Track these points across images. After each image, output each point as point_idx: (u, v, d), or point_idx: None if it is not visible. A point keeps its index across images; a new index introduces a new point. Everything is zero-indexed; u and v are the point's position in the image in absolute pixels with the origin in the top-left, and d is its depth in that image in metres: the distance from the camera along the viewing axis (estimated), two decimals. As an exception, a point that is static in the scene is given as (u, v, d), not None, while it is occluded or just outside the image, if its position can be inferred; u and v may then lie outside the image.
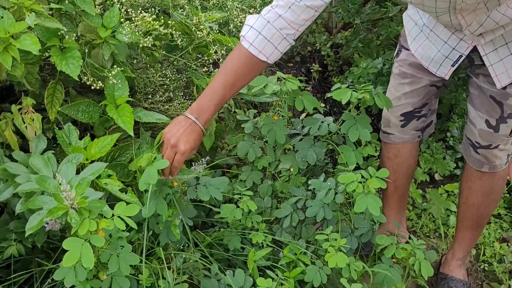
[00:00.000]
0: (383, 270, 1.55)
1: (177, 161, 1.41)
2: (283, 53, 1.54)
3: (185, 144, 1.41)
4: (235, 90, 1.52)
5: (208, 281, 1.51)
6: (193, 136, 1.43)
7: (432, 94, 1.79)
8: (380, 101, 1.62)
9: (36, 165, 1.20)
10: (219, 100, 1.47)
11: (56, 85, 1.57)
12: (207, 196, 1.48)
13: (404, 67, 1.76)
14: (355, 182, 1.49)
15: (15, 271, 1.57)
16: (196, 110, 1.46)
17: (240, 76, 1.50)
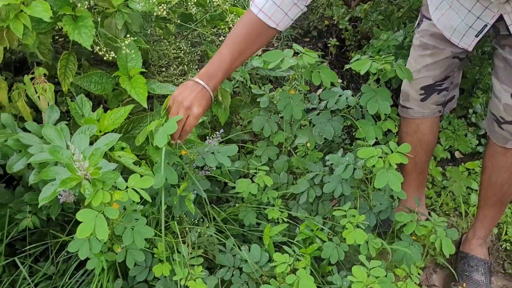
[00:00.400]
0: (403, 247, 1.51)
1: (189, 125, 1.36)
2: (294, 20, 1.48)
3: (199, 108, 1.36)
4: (243, 58, 1.47)
5: (223, 255, 1.49)
6: (204, 101, 1.39)
7: (455, 66, 1.72)
8: (402, 72, 1.56)
9: (49, 136, 1.18)
10: (226, 68, 1.43)
11: (69, 56, 1.55)
12: (215, 162, 1.43)
13: (425, 38, 1.69)
14: (375, 157, 1.45)
15: (30, 243, 1.57)
16: (205, 76, 1.41)
17: (248, 43, 1.45)
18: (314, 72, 1.66)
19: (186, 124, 1.36)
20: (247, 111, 1.99)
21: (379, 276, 1.34)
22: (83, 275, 1.48)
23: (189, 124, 1.36)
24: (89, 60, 1.75)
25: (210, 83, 1.40)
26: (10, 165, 1.23)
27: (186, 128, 1.37)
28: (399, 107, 1.84)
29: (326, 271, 1.59)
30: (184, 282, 1.29)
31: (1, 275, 1.51)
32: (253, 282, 1.47)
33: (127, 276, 1.44)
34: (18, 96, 1.41)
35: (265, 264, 1.47)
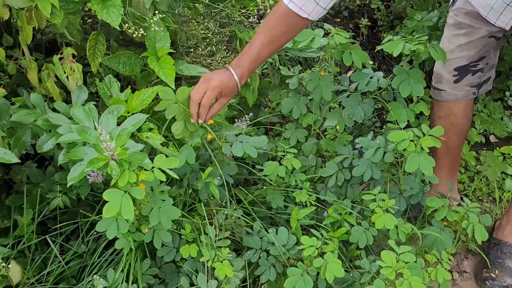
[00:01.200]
0: (434, 233, 1.47)
1: (206, 98, 1.36)
2: (327, 9, 1.44)
3: (217, 81, 1.38)
4: (272, 48, 1.47)
5: (250, 238, 1.49)
6: (228, 82, 1.41)
7: (491, 46, 1.64)
8: (436, 53, 1.50)
9: (77, 116, 1.18)
10: (254, 57, 1.44)
11: (98, 37, 1.54)
12: (241, 152, 1.43)
13: (459, 17, 1.61)
14: (407, 140, 1.40)
15: (61, 222, 1.60)
16: (234, 64, 1.44)
17: (278, 34, 1.45)
18: (345, 52, 1.62)
19: (204, 98, 1.37)
20: (276, 93, 1.96)
21: (408, 262, 1.31)
22: (112, 254, 1.50)
23: (206, 97, 1.37)
24: (118, 41, 1.75)
25: (237, 70, 1.42)
26: (40, 144, 1.25)
27: (204, 102, 1.37)
28: (431, 89, 1.78)
29: (354, 255, 1.57)
30: (211, 264, 1.29)
31: (34, 253, 1.55)
32: (280, 264, 1.46)
33: (155, 256, 1.45)
34: (47, 77, 1.42)
35: (292, 247, 1.46)
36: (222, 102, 1.42)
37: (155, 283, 1.42)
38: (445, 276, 1.39)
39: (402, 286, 1.24)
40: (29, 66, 1.51)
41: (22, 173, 1.58)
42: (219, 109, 1.42)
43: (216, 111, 1.42)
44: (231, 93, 1.43)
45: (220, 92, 1.39)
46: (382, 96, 1.73)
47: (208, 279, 1.29)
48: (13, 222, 1.54)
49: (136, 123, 1.18)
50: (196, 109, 1.38)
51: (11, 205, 1.55)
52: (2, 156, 1.09)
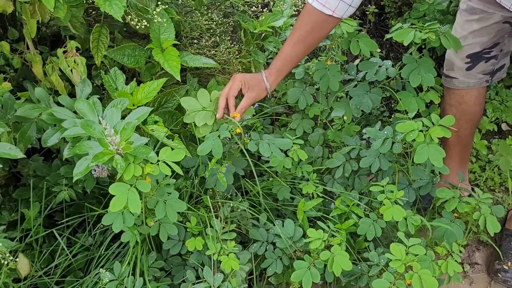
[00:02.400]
0: (444, 224, 1.45)
1: (230, 89, 1.42)
2: (355, 6, 1.43)
3: (241, 75, 1.45)
4: (300, 48, 1.49)
5: (256, 230, 1.48)
6: (252, 76, 1.47)
7: (505, 32, 1.60)
8: (447, 41, 1.46)
9: (81, 110, 1.17)
10: (282, 57, 1.49)
11: (101, 29, 1.53)
12: (269, 153, 1.43)
13: (472, 2, 1.57)
14: (416, 130, 1.37)
15: (68, 215, 1.60)
16: (267, 69, 1.51)
17: (303, 33, 1.47)
18: (352, 41, 1.59)
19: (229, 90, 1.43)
20: (281, 83, 1.94)
21: (418, 254, 1.29)
22: (119, 247, 1.50)
23: (232, 87, 1.43)
24: (122, 33, 1.73)
25: (265, 71, 1.49)
26: (45, 139, 1.24)
27: (230, 92, 1.43)
28: (443, 77, 1.74)
29: (362, 247, 1.55)
30: (217, 257, 1.28)
31: (42, 246, 1.55)
32: (287, 257, 1.45)
33: (161, 249, 1.45)
34: (52, 70, 1.41)
35: (299, 240, 1.45)
36: (249, 96, 1.44)
37: (162, 276, 1.41)
38: (456, 268, 1.37)
39: (412, 279, 1.22)
40: (33, 59, 1.50)
41: (29, 166, 1.58)
42: (246, 103, 1.45)
43: (244, 105, 1.44)
44: (257, 87, 1.46)
45: (242, 83, 1.43)
46: (390, 85, 1.70)
47: (214, 273, 1.29)
48: (20, 215, 1.55)
49: (141, 116, 1.17)
50: (223, 103, 1.42)
51: (18, 198, 1.56)
52: (7, 152, 1.09)
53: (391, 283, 1.24)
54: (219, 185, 1.41)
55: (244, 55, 1.81)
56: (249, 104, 1.46)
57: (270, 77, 1.48)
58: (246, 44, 1.80)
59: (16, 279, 1.44)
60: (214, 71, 1.86)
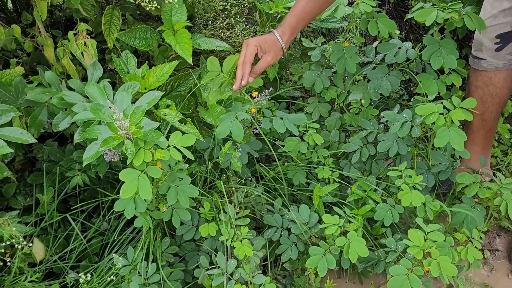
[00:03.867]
0: (464, 210, 1.41)
1: (245, 55, 1.34)
2: None
3: (254, 39, 1.36)
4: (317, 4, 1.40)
5: (271, 216, 1.45)
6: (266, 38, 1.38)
7: (538, 11, 1.52)
8: (471, 21, 1.39)
9: (91, 94, 1.15)
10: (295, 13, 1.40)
11: (113, 11, 1.50)
12: (283, 128, 1.38)
13: (503, -22, 1.50)
14: (436, 113, 1.32)
15: (83, 200, 1.60)
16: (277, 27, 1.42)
17: None
18: (371, 21, 1.53)
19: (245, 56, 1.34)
20: (297, 66, 1.89)
21: (437, 241, 1.25)
22: (133, 232, 1.49)
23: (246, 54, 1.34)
24: (134, 15, 1.71)
25: (278, 29, 1.40)
26: (56, 123, 1.23)
27: (245, 59, 1.34)
28: (470, 58, 1.67)
29: (379, 233, 1.52)
30: (230, 243, 1.27)
31: (57, 230, 1.56)
32: (302, 243, 1.43)
33: (175, 234, 1.44)
34: (63, 54, 1.39)
35: (315, 225, 1.42)
36: (266, 59, 1.37)
37: (175, 261, 1.41)
38: (476, 255, 1.33)
39: (430, 266, 1.18)
40: (45, 43, 1.48)
41: (43, 151, 1.58)
42: (263, 66, 1.37)
43: (261, 68, 1.37)
44: (273, 49, 1.38)
45: (258, 47, 1.35)
46: (410, 68, 1.64)
47: (227, 258, 1.27)
48: (36, 200, 1.55)
49: (151, 100, 1.14)
50: (241, 73, 1.34)
51: (33, 183, 1.56)
52: (19, 136, 1.07)
53: (409, 269, 1.21)
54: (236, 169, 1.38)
55: (259, 37, 1.77)
56: (266, 67, 1.39)
57: (284, 36, 1.39)
58: (261, 25, 1.76)
59: (32, 263, 1.45)
60: (228, 54, 1.82)
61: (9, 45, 1.57)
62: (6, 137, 1.08)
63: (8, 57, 1.68)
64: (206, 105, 1.54)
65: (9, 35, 1.52)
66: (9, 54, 1.69)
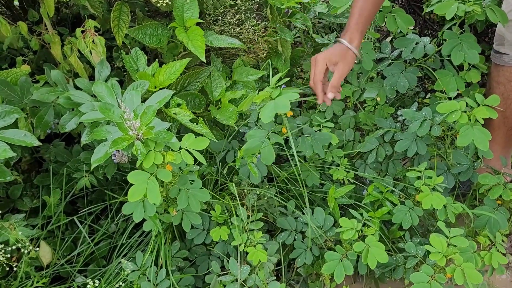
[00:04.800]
0: (487, 212, 1.35)
1: (315, 74, 1.31)
2: None
3: (322, 54, 1.32)
4: None
5: (284, 219, 1.40)
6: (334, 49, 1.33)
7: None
8: (494, 14, 1.33)
9: (99, 93, 1.11)
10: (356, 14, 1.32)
11: (121, 7, 1.46)
12: (310, 151, 1.34)
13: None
14: (458, 111, 1.26)
15: (91, 201, 1.56)
16: (342, 33, 1.36)
17: None
18: (389, 16, 1.47)
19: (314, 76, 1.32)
20: (309, 63, 1.84)
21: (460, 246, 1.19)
22: (142, 235, 1.45)
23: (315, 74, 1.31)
24: (143, 12, 1.66)
25: (344, 36, 1.34)
26: (63, 124, 1.18)
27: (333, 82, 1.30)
28: (492, 52, 1.60)
29: (396, 236, 1.46)
30: (243, 248, 1.22)
31: (64, 233, 1.52)
32: (317, 247, 1.37)
33: (185, 238, 1.39)
34: (70, 52, 1.35)
35: (330, 229, 1.37)
36: (339, 68, 1.31)
37: (186, 265, 1.36)
38: (501, 260, 1.27)
39: (454, 274, 1.13)
40: (52, 40, 1.44)
41: (50, 152, 1.54)
42: (340, 76, 1.31)
43: (337, 81, 1.31)
44: (344, 60, 1.32)
45: (328, 61, 1.30)
46: (427, 64, 1.58)
47: (240, 264, 1.22)
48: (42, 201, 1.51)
49: (162, 99, 1.09)
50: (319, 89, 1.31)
51: (39, 185, 1.52)
52: (22, 139, 1.03)
53: (431, 276, 1.15)
54: (252, 177, 1.33)
55: (270, 33, 1.72)
56: (342, 78, 1.32)
57: (354, 41, 1.32)
58: (272, 21, 1.71)
59: (39, 267, 1.41)
60: (238, 51, 1.77)
61: (15, 43, 1.53)
62: (9, 140, 1.03)
63: (15, 55, 1.64)
64: (218, 104, 1.49)
65: (15, 33, 1.48)
66: (16, 52, 1.65)
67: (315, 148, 1.34)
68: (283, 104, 1.14)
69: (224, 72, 1.62)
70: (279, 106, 1.15)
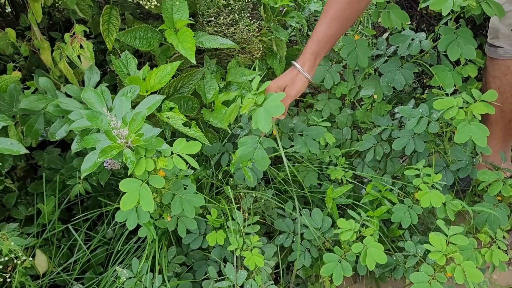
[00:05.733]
0: (487, 209, 1.33)
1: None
2: None
3: (274, 84, 1.30)
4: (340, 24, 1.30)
5: (282, 220, 1.38)
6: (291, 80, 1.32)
7: (556, -4, 1.43)
8: (490, 8, 1.31)
9: (88, 100, 1.09)
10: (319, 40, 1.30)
11: (111, 10, 1.44)
12: (304, 148, 1.31)
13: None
14: (455, 107, 1.24)
15: (87, 208, 1.54)
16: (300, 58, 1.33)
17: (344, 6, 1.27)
18: (383, 13, 1.45)
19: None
20: (305, 62, 1.81)
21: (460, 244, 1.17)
22: (138, 241, 1.43)
23: None
24: (134, 14, 1.64)
25: (299, 61, 1.33)
26: (52, 132, 1.16)
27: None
28: (486, 46, 1.58)
29: (396, 235, 1.44)
30: (240, 253, 1.20)
31: (60, 240, 1.50)
32: (315, 249, 1.36)
33: (182, 242, 1.37)
34: (59, 57, 1.33)
35: (328, 230, 1.35)
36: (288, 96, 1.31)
37: (183, 271, 1.34)
38: (502, 257, 1.25)
39: (454, 273, 1.11)
40: (41, 46, 1.42)
41: (43, 159, 1.52)
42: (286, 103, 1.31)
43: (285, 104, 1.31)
44: (293, 85, 1.32)
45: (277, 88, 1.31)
46: (423, 60, 1.56)
47: (237, 269, 1.20)
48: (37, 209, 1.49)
49: (152, 105, 1.07)
50: None
51: (34, 192, 1.50)
52: (9, 147, 1.00)
53: (431, 276, 1.14)
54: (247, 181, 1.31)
55: (265, 32, 1.70)
56: (289, 101, 1.32)
57: (305, 66, 1.31)
58: (266, 20, 1.68)
59: (35, 276, 1.40)
60: (233, 51, 1.75)
61: (6, 49, 1.51)
62: (-6, 149, 1.01)
63: (6, 61, 1.62)
64: (212, 106, 1.47)
65: (5, 39, 1.46)
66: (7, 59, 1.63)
67: (309, 145, 1.31)
68: (274, 106, 1.12)
69: (218, 73, 1.60)
70: (271, 110, 1.12)
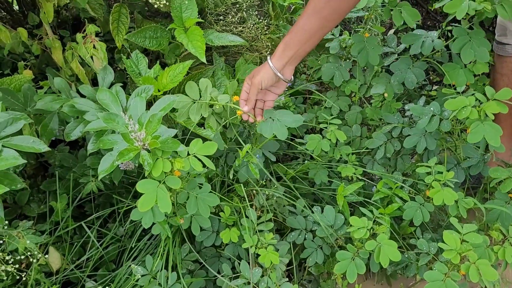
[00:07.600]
0: (498, 206, 1.33)
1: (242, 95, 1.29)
2: None
3: (246, 78, 1.29)
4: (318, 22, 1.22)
5: (294, 218, 1.39)
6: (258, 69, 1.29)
7: None
8: (504, 11, 1.29)
9: (103, 100, 1.09)
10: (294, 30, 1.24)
11: (121, 9, 1.44)
12: (270, 133, 1.24)
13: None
14: (468, 107, 1.24)
15: (98, 205, 1.55)
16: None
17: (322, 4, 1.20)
18: (395, 10, 1.44)
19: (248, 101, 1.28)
20: (313, 59, 1.82)
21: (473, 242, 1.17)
22: (150, 238, 1.44)
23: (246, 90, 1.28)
24: (143, 13, 1.64)
25: (274, 55, 1.27)
26: (68, 132, 1.17)
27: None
28: (494, 44, 1.58)
29: (407, 232, 1.45)
30: (254, 250, 1.20)
31: (73, 237, 1.51)
32: (328, 246, 1.36)
33: (194, 240, 1.38)
34: (72, 57, 1.33)
35: (340, 227, 1.36)
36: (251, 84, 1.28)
37: (196, 268, 1.35)
38: (514, 255, 1.26)
39: (468, 271, 1.11)
40: (53, 46, 1.42)
41: (55, 157, 1.53)
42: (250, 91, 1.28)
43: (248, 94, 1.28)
44: (259, 73, 1.27)
45: (247, 82, 1.28)
46: (434, 58, 1.56)
47: (251, 266, 1.21)
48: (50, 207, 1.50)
49: (167, 105, 1.07)
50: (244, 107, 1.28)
51: (46, 190, 1.51)
52: (31, 145, 1.01)
53: (445, 274, 1.14)
54: (251, 175, 1.31)
55: (273, 30, 1.69)
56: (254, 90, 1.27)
57: (274, 55, 1.26)
58: (274, 18, 1.68)
59: (48, 273, 1.41)
60: (241, 49, 1.75)
61: (16, 48, 1.51)
62: (18, 147, 1.02)
63: (16, 60, 1.62)
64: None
65: (15, 39, 1.47)
66: (17, 57, 1.64)
67: (276, 130, 1.24)
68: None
69: (227, 71, 1.60)
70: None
